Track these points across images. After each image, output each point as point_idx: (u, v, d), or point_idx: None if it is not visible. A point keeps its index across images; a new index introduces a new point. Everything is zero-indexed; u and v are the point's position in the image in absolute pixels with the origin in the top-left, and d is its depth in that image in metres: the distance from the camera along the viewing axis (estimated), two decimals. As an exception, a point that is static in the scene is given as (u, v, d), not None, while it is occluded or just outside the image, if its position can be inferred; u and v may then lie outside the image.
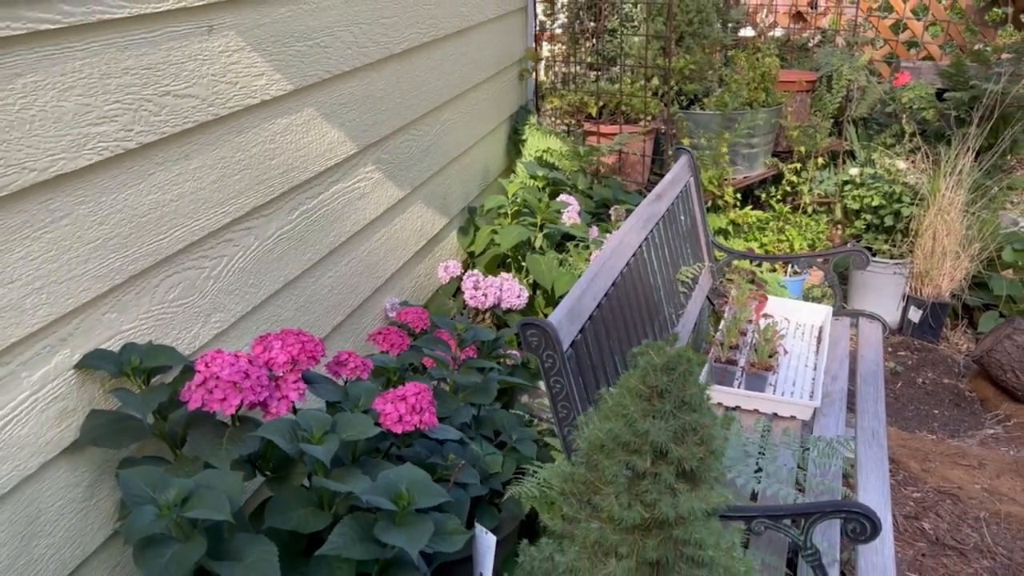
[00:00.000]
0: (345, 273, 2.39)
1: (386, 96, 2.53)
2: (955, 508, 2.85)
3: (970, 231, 3.81)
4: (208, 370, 1.53)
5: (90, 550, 1.51)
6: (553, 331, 1.65)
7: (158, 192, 1.61)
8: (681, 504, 1.27)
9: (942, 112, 4.37)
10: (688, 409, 1.30)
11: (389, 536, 1.45)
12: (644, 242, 2.37)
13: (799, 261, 3.12)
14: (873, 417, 2.35)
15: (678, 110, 4.04)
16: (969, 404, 3.51)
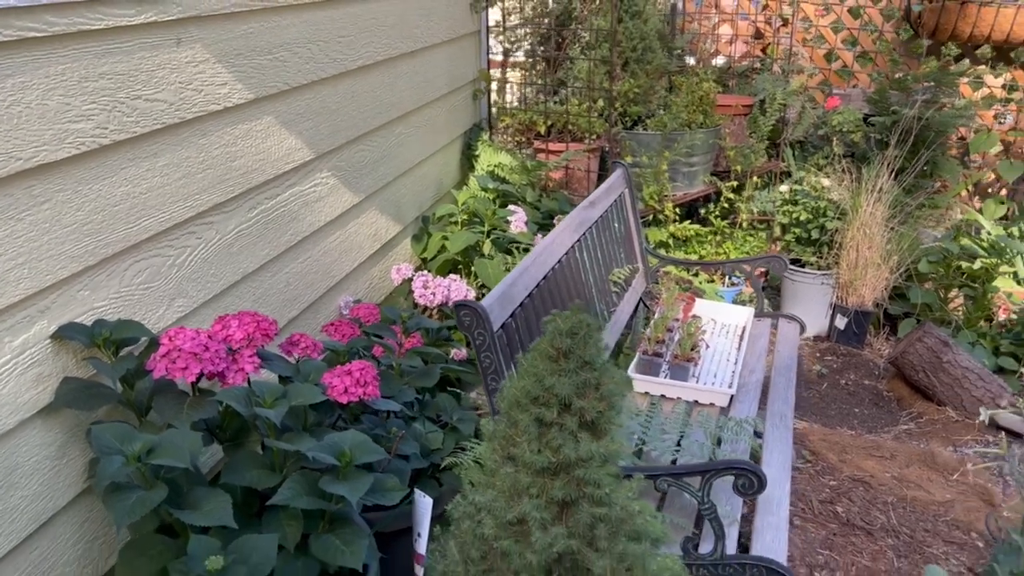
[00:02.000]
0: (301, 271, 2.58)
1: (341, 109, 2.74)
2: (866, 494, 3.09)
3: (890, 245, 4.11)
4: (171, 343, 1.71)
5: (61, 504, 1.67)
6: (484, 312, 1.86)
7: (129, 185, 1.80)
8: (582, 448, 1.48)
9: (868, 135, 4.70)
10: (589, 368, 1.51)
11: (333, 487, 1.64)
12: (577, 243, 2.60)
13: (726, 267, 3.37)
14: (783, 403, 2.59)
15: (621, 130, 4.31)
16: (887, 403, 3.78)
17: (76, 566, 1.73)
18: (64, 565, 1.70)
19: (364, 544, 1.73)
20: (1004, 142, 5.12)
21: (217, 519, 1.56)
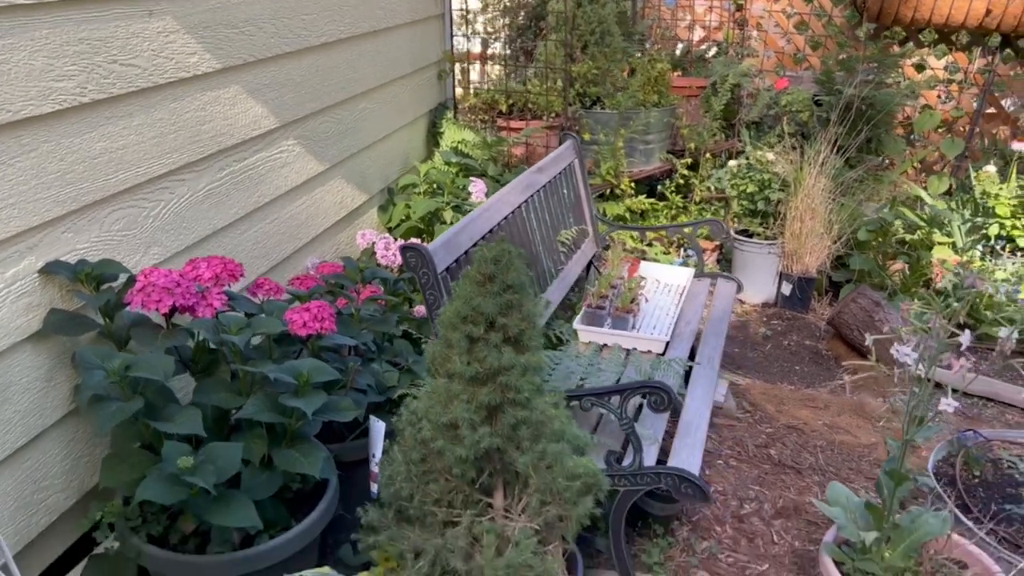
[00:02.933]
0: (268, 231, 2.79)
1: (305, 82, 2.95)
2: (799, 439, 3.34)
3: (832, 215, 4.36)
4: (146, 279, 1.93)
5: (49, 423, 1.88)
6: (428, 253, 2.09)
7: (107, 141, 2.01)
8: (505, 359, 1.71)
9: (816, 114, 4.95)
10: (512, 291, 1.75)
11: (291, 402, 1.86)
12: (524, 204, 2.83)
13: (670, 231, 3.61)
14: (712, 348, 2.83)
15: (579, 108, 4.54)
16: (826, 361, 4.04)
17: (64, 479, 1.94)
18: (53, 478, 1.91)
19: (321, 457, 1.96)
20: (946, 121, 5.39)
21: (188, 428, 1.78)
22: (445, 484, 1.83)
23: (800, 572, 2.58)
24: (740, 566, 2.59)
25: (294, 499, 2.12)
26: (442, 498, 1.84)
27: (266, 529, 1.97)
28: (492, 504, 1.87)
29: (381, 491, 1.88)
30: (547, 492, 1.80)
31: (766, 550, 2.68)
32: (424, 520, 1.83)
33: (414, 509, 1.83)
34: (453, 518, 1.82)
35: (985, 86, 5.18)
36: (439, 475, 1.83)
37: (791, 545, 2.70)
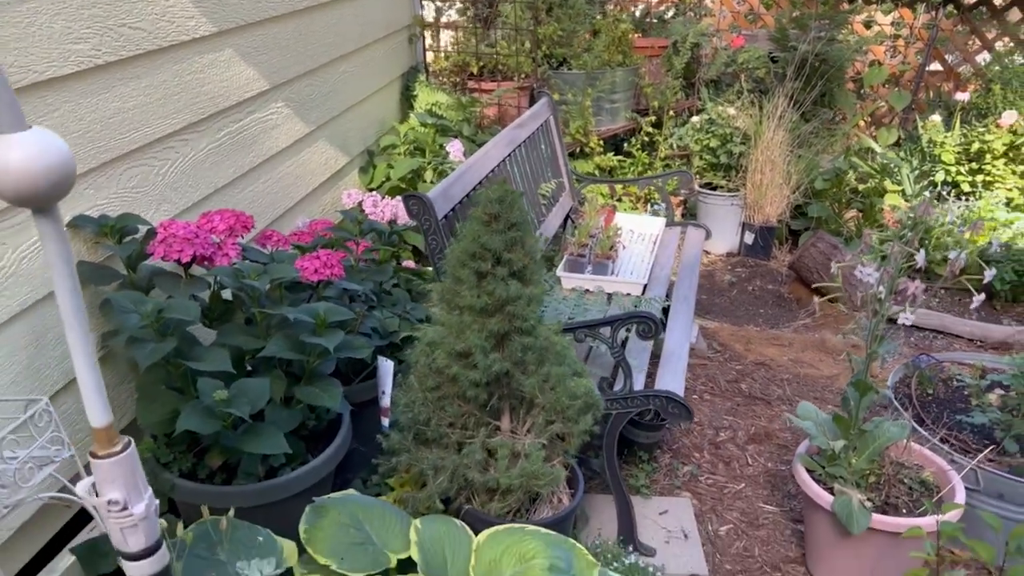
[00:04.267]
0: (263, 190, 2.90)
1: (291, 45, 3.05)
2: (767, 374, 3.58)
3: (790, 167, 4.59)
4: (167, 231, 2.04)
5: (71, 377, 1.99)
6: (429, 201, 2.23)
7: (119, 101, 2.11)
8: (511, 290, 1.88)
9: (772, 71, 5.16)
10: (515, 228, 1.91)
11: (312, 339, 2.00)
12: (507, 157, 2.98)
13: (640, 183, 3.79)
14: (687, 288, 3.03)
15: (548, 69, 4.68)
16: (788, 303, 4.29)
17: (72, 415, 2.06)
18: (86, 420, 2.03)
19: (338, 392, 2.11)
20: (893, 75, 5.65)
21: (217, 365, 1.91)
22: (458, 408, 2.00)
23: (773, 489, 2.81)
24: (719, 486, 2.82)
25: (309, 437, 2.27)
26: (456, 421, 2.01)
27: (286, 463, 2.12)
28: (500, 427, 2.05)
29: (400, 417, 2.04)
30: (552, 411, 1.99)
31: (741, 471, 2.91)
32: (440, 441, 2.00)
33: (431, 432, 2.00)
34: (466, 439, 2.00)
35: (929, 41, 5.44)
36: (452, 400, 1.99)
37: (764, 466, 2.93)
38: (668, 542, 2.49)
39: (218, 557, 1.79)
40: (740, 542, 2.56)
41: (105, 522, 1.02)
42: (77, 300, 0.94)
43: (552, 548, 1.78)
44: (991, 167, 4.60)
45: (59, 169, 0.84)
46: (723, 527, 2.62)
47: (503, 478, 1.90)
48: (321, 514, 1.89)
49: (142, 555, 1.06)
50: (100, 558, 2.02)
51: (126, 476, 1.01)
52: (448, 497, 2.01)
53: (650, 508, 2.65)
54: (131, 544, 1.04)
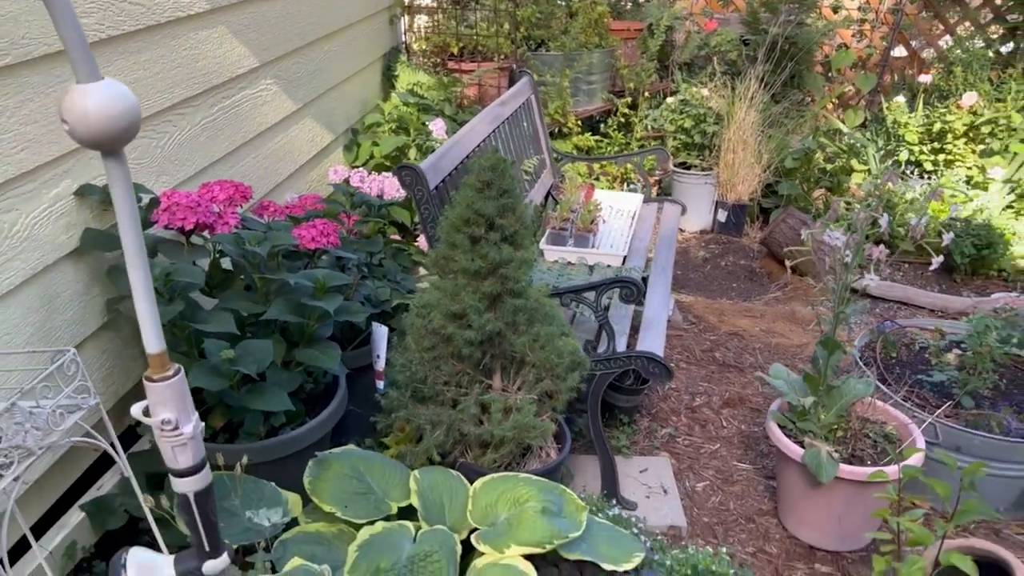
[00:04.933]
0: (254, 165, 2.98)
1: (279, 24, 3.12)
2: (740, 343, 3.74)
3: (761, 147, 4.74)
4: (170, 200, 2.12)
5: (89, 332, 2.08)
6: (421, 172, 2.33)
7: (120, 75, 2.17)
8: (504, 253, 1.99)
9: (744, 53, 5.30)
10: (507, 195, 2.02)
11: (313, 302, 2.10)
12: (492, 133, 3.08)
13: (618, 161, 3.91)
14: (665, 259, 3.16)
15: (526, 51, 4.77)
16: (760, 278, 4.45)
17: (102, 385, 2.14)
18: (94, 383, 2.11)
19: (337, 354, 2.21)
20: (860, 58, 5.82)
21: (223, 327, 2.00)
22: (453, 367, 2.11)
23: (747, 449, 2.96)
24: (695, 446, 2.97)
25: (307, 400, 2.36)
26: (451, 380, 2.12)
27: (287, 423, 2.22)
28: (492, 385, 2.17)
29: (397, 377, 2.15)
30: (541, 368, 2.10)
31: (716, 433, 3.06)
32: (436, 398, 2.11)
33: (427, 389, 2.11)
34: (461, 396, 2.11)
35: (894, 25, 5.61)
36: (447, 359, 2.10)
37: (738, 428, 3.08)
38: (648, 497, 2.63)
39: (230, 506, 1.89)
40: (716, 497, 2.70)
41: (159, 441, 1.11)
42: (139, 238, 1.04)
43: (544, 493, 1.90)
44: (952, 147, 4.79)
45: (129, 115, 0.93)
46: (700, 483, 2.76)
47: (497, 430, 2.01)
48: (324, 466, 1.99)
49: (190, 472, 1.16)
50: (108, 515, 2.11)
51: (176, 399, 1.11)
52: (443, 453, 2.12)
53: (631, 467, 2.78)
54: (180, 461, 1.14)
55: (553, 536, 1.78)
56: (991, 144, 4.78)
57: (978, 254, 4.23)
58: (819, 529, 2.45)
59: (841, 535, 2.43)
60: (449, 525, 1.88)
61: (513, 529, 1.80)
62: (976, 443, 2.48)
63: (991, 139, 4.78)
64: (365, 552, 1.72)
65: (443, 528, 1.83)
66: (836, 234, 2.24)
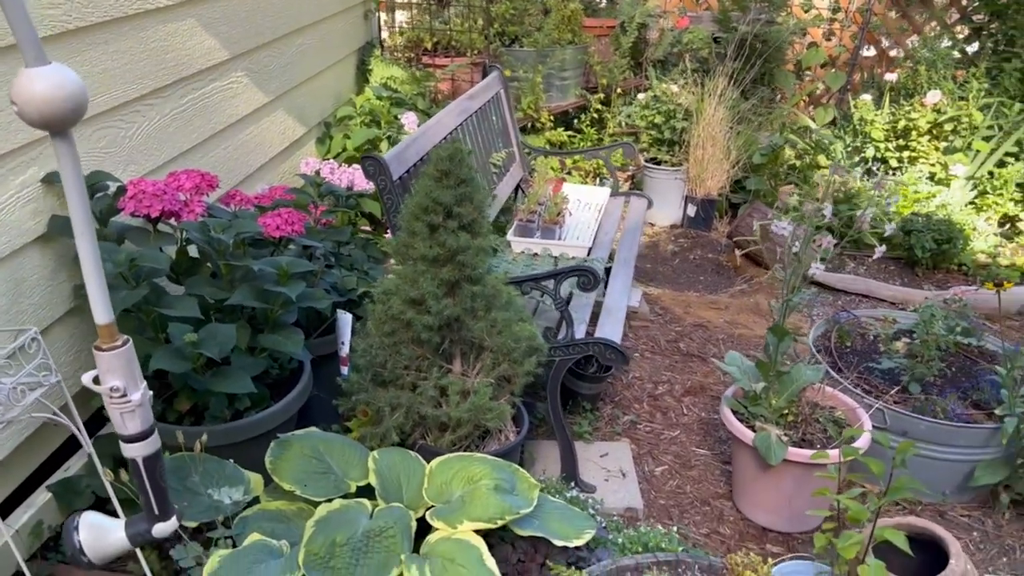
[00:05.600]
0: (224, 156, 3.02)
1: (250, 17, 3.16)
2: (704, 334, 3.82)
3: (730, 143, 4.83)
4: (136, 188, 2.17)
5: (56, 316, 2.12)
6: (385, 162, 2.39)
7: (89, 65, 2.22)
8: (461, 240, 2.05)
9: (715, 51, 5.39)
10: (464, 184, 2.08)
11: (276, 288, 2.15)
12: (459, 126, 3.14)
13: (586, 155, 3.98)
14: (628, 250, 3.24)
15: (500, 46, 4.83)
16: (726, 271, 4.53)
17: (69, 369, 2.19)
18: (61, 366, 2.16)
19: (300, 339, 2.26)
20: (830, 56, 5.92)
21: (187, 311, 2.06)
22: (413, 351, 2.17)
23: (706, 435, 3.05)
24: (656, 433, 3.04)
25: (272, 385, 2.42)
26: (411, 364, 2.18)
27: (252, 407, 2.27)
28: (452, 370, 2.23)
29: (359, 361, 2.21)
30: (499, 353, 2.17)
31: (677, 420, 3.14)
32: (396, 382, 2.18)
33: (387, 373, 2.17)
34: (420, 379, 2.17)
35: (863, 24, 5.71)
36: (407, 344, 2.17)
37: (698, 415, 3.17)
38: (607, 480, 2.70)
39: (191, 485, 1.94)
40: (674, 481, 2.78)
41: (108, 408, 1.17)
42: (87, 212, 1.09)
43: (497, 471, 1.97)
44: (916, 143, 4.90)
45: (76, 98, 0.99)
46: (658, 468, 2.84)
47: (454, 412, 2.08)
48: (285, 447, 2.05)
49: (139, 437, 1.22)
50: (74, 495, 2.16)
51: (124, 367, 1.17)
52: (404, 435, 2.19)
53: (592, 452, 2.86)
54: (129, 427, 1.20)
55: (504, 512, 1.85)
56: (954, 141, 4.89)
57: (939, 248, 4.34)
58: (770, 511, 2.53)
59: (791, 516, 2.51)
60: (406, 503, 1.95)
61: (466, 505, 1.87)
62: (922, 428, 2.57)
63: (954, 136, 4.89)
64: (322, 527, 1.78)
65: (399, 505, 1.90)
66: (783, 224, 2.31)
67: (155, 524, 1.30)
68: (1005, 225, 4.80)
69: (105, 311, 1.16)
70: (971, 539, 2.56)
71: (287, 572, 1.69)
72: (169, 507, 1.30)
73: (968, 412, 2.62)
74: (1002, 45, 5.53)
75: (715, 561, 1.96)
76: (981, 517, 2.65)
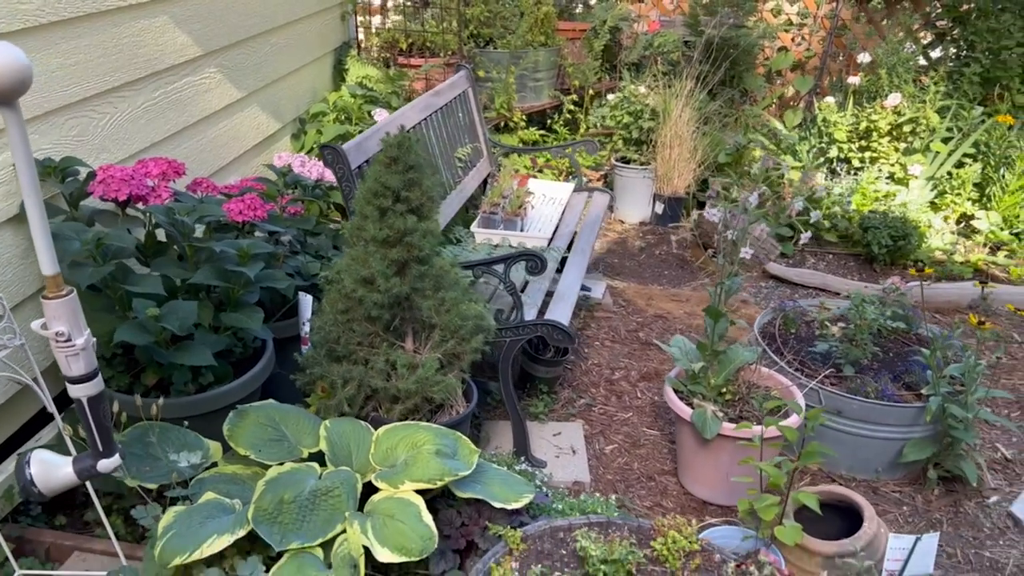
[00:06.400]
0: (197, 148, 3.16)
1: (223, 16, 3.30)
2: (664, 324, 3.96)
3: (696, 142, 4.98)
4: (105, 173, 2.30)
5: (28, 293, 2.25)
6: (343, 152, 2.53)
7: (62, 57, 2.35)
8: (409, 223, 2.19)
9: (685, 54, 5.54)
10: (413, 170, 2.22)
11: (236, 268, 2.28)
12: (423, 121, 3.28)
13: (553, 151, 4.13)
14: (586, 242, 3.38)
15: (474, 47, 4.98)
16: (690, 266, 4.68)
17: (41, 343, 2.31)
18: (31, 341, 2.28)
19: (260, 317, 2.39)
20: (799, 60, 6.09)
21: (151, 288, 2.19)
22: (365, 328, 2.31)
23: (657, 417, 3.18)
24: (609, 415, 3.18)
25: (237, 364, 2.55)
26: (364, 341, 2.32)
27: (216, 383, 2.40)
28: (404, 347, 2.36)
29: (314, 337, 2.34)
30: (447, 330, 2.31)
31: (631, 403, 3.27)
32: (350, 357, 2.31)
33: (341, 349, 2.30)
34: (372, 355, 2.31)
35: (831, 29, 5.88)
36: (360, 321, 2.30)
37: (651, 399, 3.30)
38: (558, 457, 2.84)
39: (153, 452, 2.07)
40: (622, 458, 2.92)
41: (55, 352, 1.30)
42: (34, 176, 1.23)
43: (440, 437, 2.10)
44: (877, 144, 5.06)
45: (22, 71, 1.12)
46: (609, 447, 2.98)
47: (402, 384, 2.21)
48: (243, 416, 2.18)
49: (83, 379, 1.35)
50: (45, 464, 2.28)
51: (69, 314, 1.30)
52: (357, 408, 2.32)
53: (546, 431, 2.99)
54: (74, 370, 1.33)
55: (444, 474, 1.98)
56: (913, 142, 5.05)
57: (895, 245, 4.49)
58: (710, 485, 2.67)
59: (729, 490, 2.65)
60: (356, 469, 2.08)
61: (409, 468, 2.00)
62: (854, 407, 2.71)
63: (913, 138, 5.05)
64: (272, 486, 1.91)
65: (346, 469, 2.03)
66: (714, 211, 2.46)
67: (100, 460, 1.42)
68: (961, 223, 4.96)
69: (51, 263, 1.29)
70: (901, 513, 2.70)
71: (237, 526, 1.82)
72: (113, 444, 1.43)
73: (899, 393, 2.77)
74: (964, 50, 5.71)
75: (644, 523, 2.09)
76: (912, 493, 2.80)
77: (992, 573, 2.46)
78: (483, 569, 1.91)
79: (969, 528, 2.64)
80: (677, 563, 1.95)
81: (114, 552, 2.05)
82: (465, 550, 2.14)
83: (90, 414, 1.38)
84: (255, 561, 1.79)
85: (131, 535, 2.26)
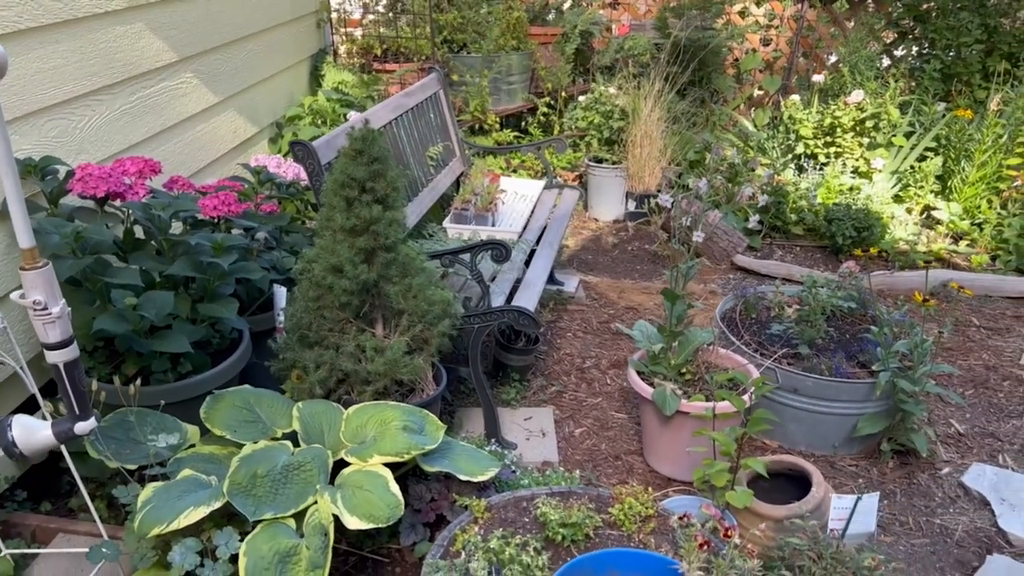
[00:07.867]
0: (175, 150, 3.26)
1: (199, 23, 3.40)
2: (635, 316, 4.08)
3: (666, 141, 5.12)
4: (84, 171, 2.40)
5: (11, 287, 2.34)
6: (312, 148, 2.64)
7: (40, 62, 2.45)
8: (375, 212, 2.30)
9: (655, 56, 5.69)
10: (378, 162, 2.33)
11: (210, 259, 2.39)
12: (394, 120, 3.39)
13: (523, 149, 4.25)
14: (555, 235, 3.50)
15: (447, 52, 5.10)
16: (662, 260, 4.81)
17: (25, 336, 2.41)
18: (18, 333, 2.38)
19: (235, 307, 2.49)
20: (767, 61, 6.25)
21: (129, 279, 2.28)
22: (336, 315, 2.41)
23: (625, 402, 3.30)
24: (579, 400, 3.29)
25: (215, 354, 2.64)
26: (334, 327, 2.42)
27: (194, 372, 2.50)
28: (374, 332, 2.47)
29: (287, 324, 2.44)
30: (414, 315, 2.41)
31: (600, 389, 3.39)
32: (321, 342, 2.41)
33: (312, 334, 2.40)
34: (343, 340, 2.41)
35: (797, 30, 6.04)
36: (331, 308, 2.41)
37: (620, 385, 3.42)
38: (528, 439, 2.94)
39: (134, 436, 2.17)
40: (590, 440, 3.03)
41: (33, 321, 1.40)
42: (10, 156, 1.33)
43: (408, 415, 2.21)
44: (841, 140, 5.21)
45: (-1, 60, 1.23)
46: (578, 430, 3.09)
47: (371, 367, 2.32)
48: (219, 399, 2.28)
49: (59, 346, 1.45)
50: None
51: (45, 284, 1.40)
52: (329, 391, 2.42)
53: (518, 416, 3.10)
54: (51, 337, 1.43)
55: (411, 447, 2.08)
56: (876, 137, 5.21)
57: (859, 236, 4.63)
58: (673, 461, 2.78)
59: (691, 466, 2.75)
60: (328, 446, 2.18)
61: (377, 443, 2.11)
62: (810, 384, 2.83)
63: (875, 133, 5.20)
64: (246, 462, 2.00)
65: (318, 445, 2.13)
66: (664, 197, 2.58)
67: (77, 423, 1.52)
68: (924, 215, 5.11)
69: (27, 237, 1.40)
70: (857, 485, 2.82)
71: (213, 499, 1.92)
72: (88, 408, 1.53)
73: (853, 370, 2.89)
74: (925, 48, 5.88)
75: (603, 491, 2.20)
76: (868, 466, 2.92)
77: (942, 538, 2.58)
78: (448, 536, 2.02)
79: (921, 498, 2.76)
80: (633, 527, 2.05)
81: (98, 533, 2.13)
82: (435, 523, 2.25)
83: (67, 379, 1.48)
84: (230, 531, 1.89)
85: (114, 519, 2.35)
